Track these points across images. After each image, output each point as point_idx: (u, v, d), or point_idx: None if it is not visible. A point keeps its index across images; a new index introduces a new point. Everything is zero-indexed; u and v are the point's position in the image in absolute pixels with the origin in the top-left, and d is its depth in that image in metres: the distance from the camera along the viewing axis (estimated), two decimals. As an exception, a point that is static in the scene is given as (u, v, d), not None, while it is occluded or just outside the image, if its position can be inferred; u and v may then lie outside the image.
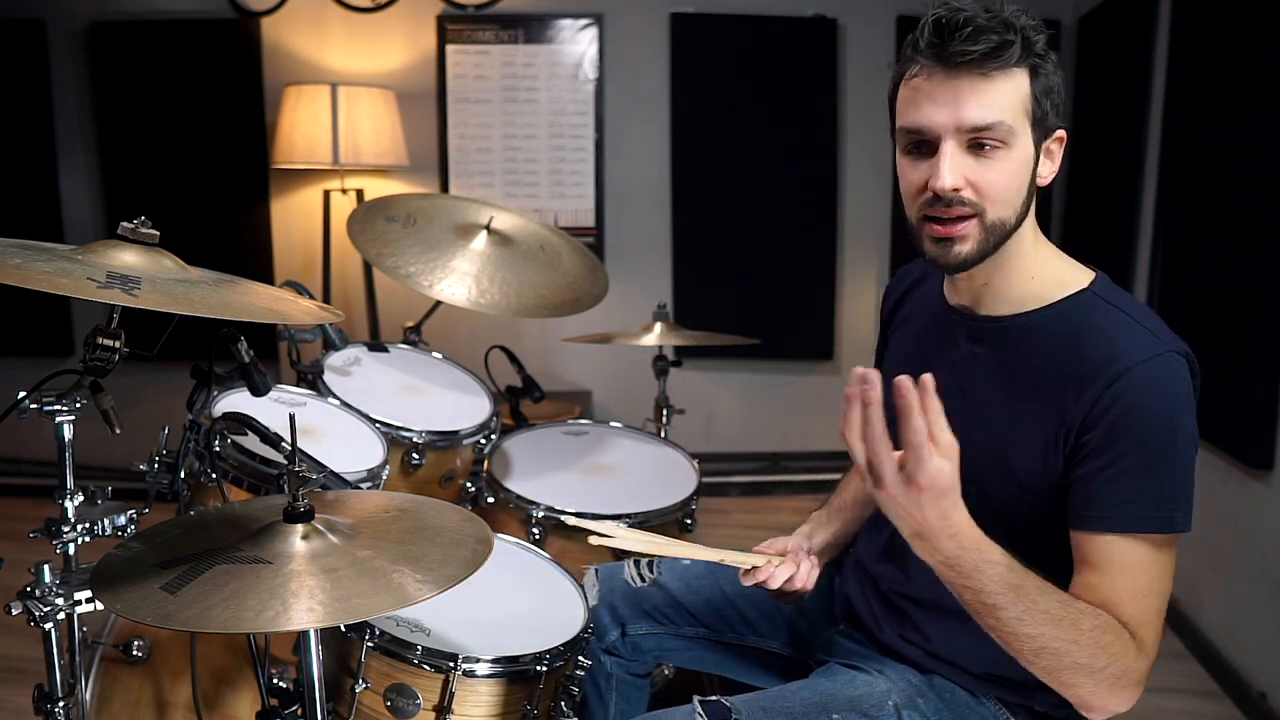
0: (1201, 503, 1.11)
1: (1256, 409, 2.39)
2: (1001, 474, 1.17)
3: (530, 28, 3.84)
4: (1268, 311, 2.38)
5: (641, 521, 1.91)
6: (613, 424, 2.32)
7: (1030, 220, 1.19)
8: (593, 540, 1.22)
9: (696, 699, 1.27)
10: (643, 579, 1.59)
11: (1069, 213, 3.86)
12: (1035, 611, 1.02)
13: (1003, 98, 1.10)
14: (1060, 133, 1.17)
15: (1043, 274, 1.20)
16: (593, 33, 3.84)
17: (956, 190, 1.11)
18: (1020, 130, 1.12)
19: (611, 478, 2.08)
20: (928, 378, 0.95)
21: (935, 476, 0.95)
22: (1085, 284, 1.19)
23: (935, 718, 1.27)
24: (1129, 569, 1.07)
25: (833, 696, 1.28)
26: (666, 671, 1.91)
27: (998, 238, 1.15)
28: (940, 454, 0.95)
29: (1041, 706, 1.25)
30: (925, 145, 1.15)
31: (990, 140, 1.11)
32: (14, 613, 1.27)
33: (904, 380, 0.94)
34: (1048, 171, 1.18)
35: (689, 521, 2.00)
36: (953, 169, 1.11)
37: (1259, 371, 2.39)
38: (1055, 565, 1.10)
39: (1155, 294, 3.07)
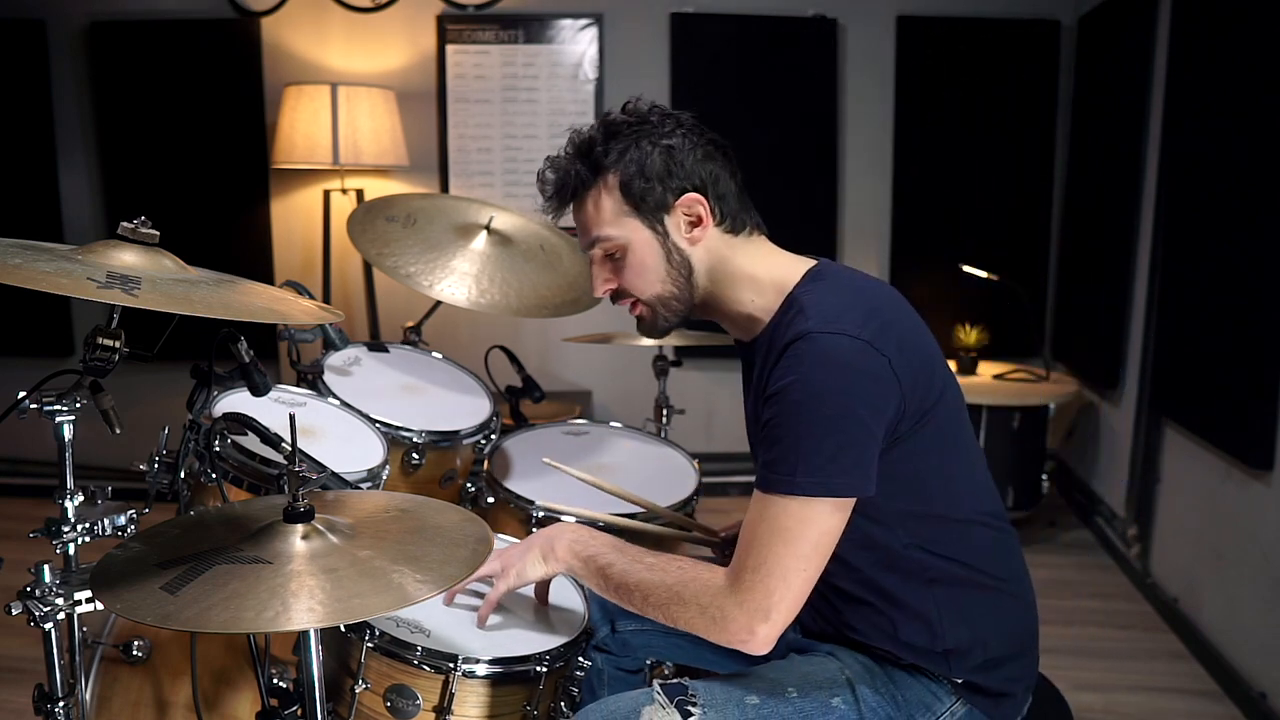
0: (1201, 503, 1.12)
1: (1256, 409, 2.39)
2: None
3: (530, 28, 3.84)
4: (1267, 311, 2.38)
5: (642, 522, 1.90)
6: (613, 424, 2.32)
7: (733, 255, 1.33)
8: (545, 460, 1.45)
9: (656, 683, 1.31)
10: None
11: (1069, 213, 3.86)
12: (637, 565, 1.28)
13: (592, 217, 1.32)
14: (685, 197, 1.29)
15: (762, 293, 1.33)
16: (593, 33, 3.84)
17: (607, 293, 1.37)
18: (624, 228, 1.31)
19: (611, 478, 2.07)
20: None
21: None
22: (793, 285, 1.30)
23: (885, 693, 1.30)
24: (749, 519, 1.22)
25: (789, 673, 1.33)
26: (667, 670, 1.91)
27: (666, 307, 1.35)
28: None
29: (959, 676, 1.30)
30: None
31: (609, 247, 1.33)
32: (14, 613, 1.27)
33: None
34: (695, 233, 1.31)
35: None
36: (596, 281, 1.37)
37: (1259, 371, 2.39)
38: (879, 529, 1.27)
39: (1155, 294, 3.07)
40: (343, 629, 1.35)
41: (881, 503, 1.24)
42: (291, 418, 1.14)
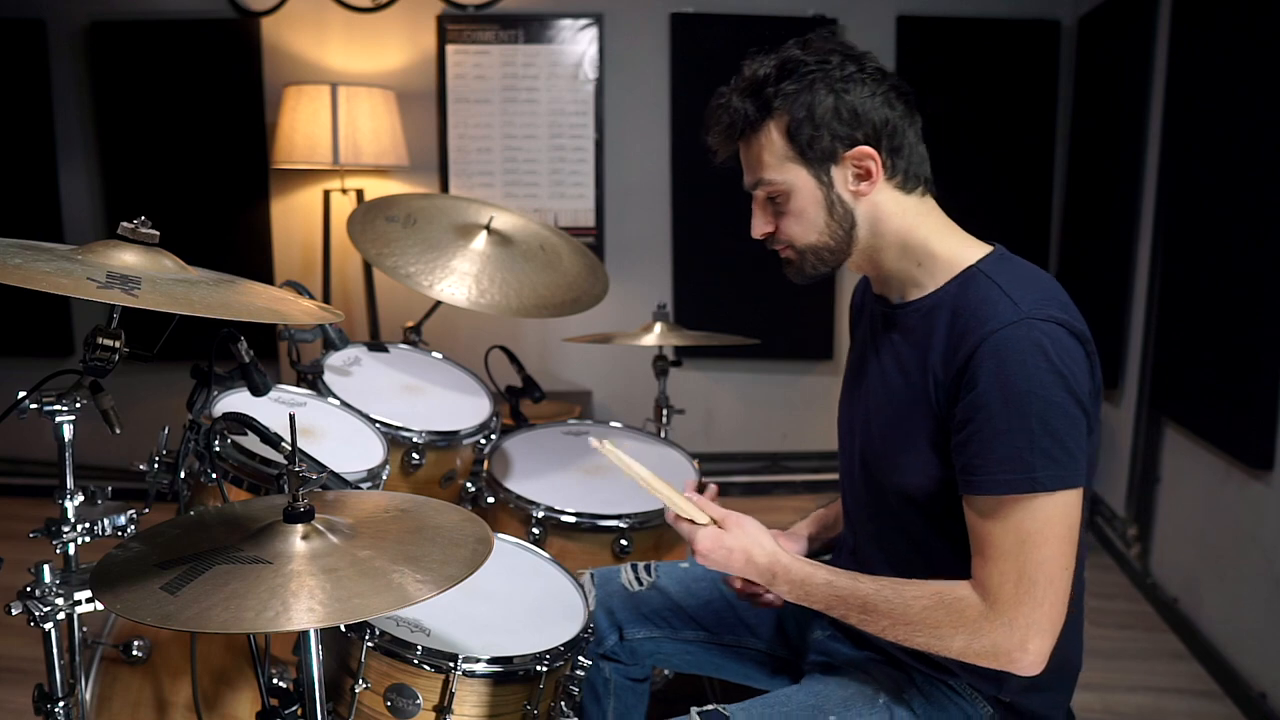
0: (1201, 503, 1.12)
1: (1256, 409, 2.39)
2: (908, 449, 1.24)
3: (530, 28, 3.84)
4: (1268, 311, 2.38)
5: (642, 522, 1.91)
6: (613, 424, 2.32)
7: (902, 214, 1.26)
8: (591, 442, 1.34)
9: (694, 710, 1.28)
10: (640, 582, 1.59)
11: (1069, 212, 3.86)
12: (872, 612, 1.18)
13: (756, 158, 1.26)
14: (856, 150, 1.22)
15: (931, 258, 1.26)
16: (593, 33, 3.84)
17: (764, 236, 1.31)
18: (788, 173, 1.24)
19: (612, 478, 2.08)
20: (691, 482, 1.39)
21: (704, 541, 1.27)
22: (974, 260, 1.24)
23: (922, 713, 1.28)
24: (990, 532, 1.12)
25: (827, 698, 1.30)
26: (666, 673, 1.92)
27: (817, 257, 1.28)
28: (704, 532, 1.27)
29: (1007, 696, 1.27)
30: None
31: (770, 191, 1.27)
32: (14, 613, 1.27)
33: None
34: (862, 186, 1.24)
35: (689, 521, 2.00)
36: (755, 223, 1.31)
37: (1259, 371, 2.39)
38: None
39: (1155, 294, 3.07)
40: (343, 629, 1.35)
41: None
42: (291, 418, 1.14)
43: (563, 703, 1.42)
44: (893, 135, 1.22)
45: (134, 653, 1.55)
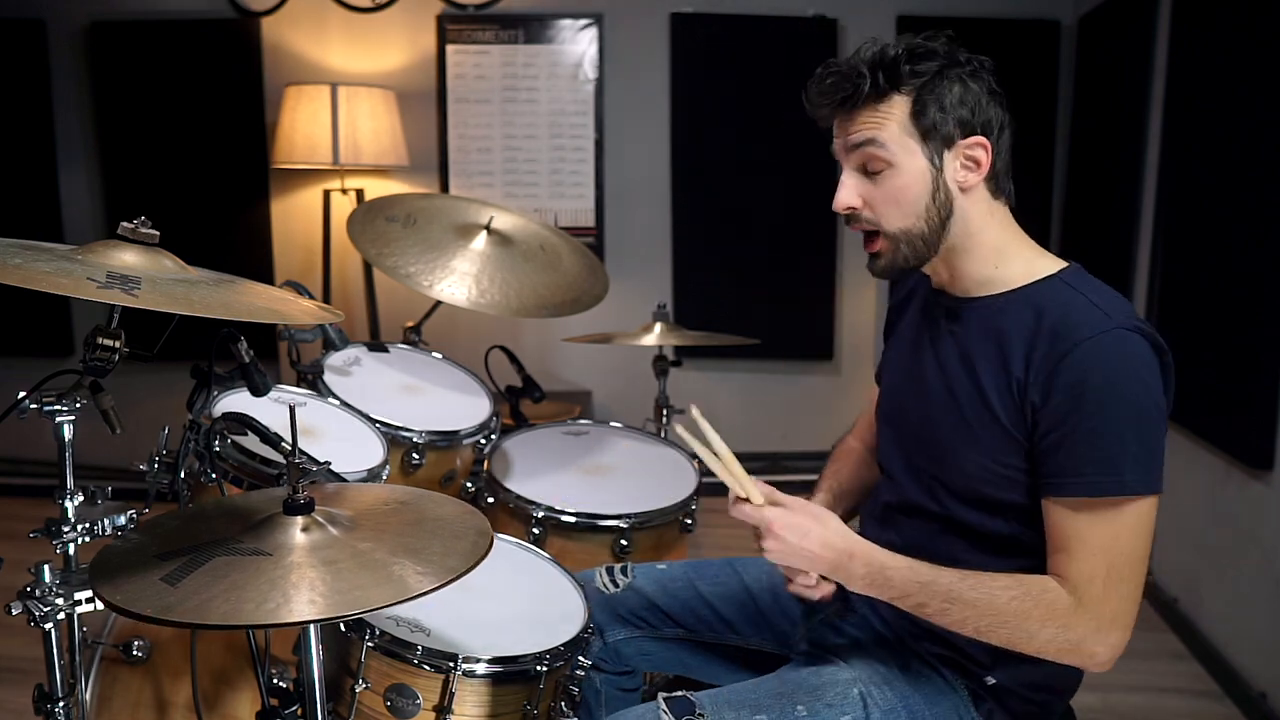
0: (1201, 503, 1.13)
1: (1256, 409, 2.39)
2: (966, 440, 1.25)
3: (530, 28, 3.84)
4: (1268, 311, 2.38)
5: (642, 522, 1.91)
6: (613, 424, 2.32)
7: (990, 216, 1.26)
8: (695, 411, 1.27)
9: (661, 696, 1.29)
10: (615, 584, 1.59)
11: (1069, 212, 3.86)
12: (954, 600, 1.17)
13: (873, 123, 1.23)
14: (974, 139, 1.23)
15: (1007, 263, 1.26)
16: (593, 33, 3.84)
17: (850, 209, 1.27)
18: (902, 147, 1.22)
19: (611, 478, 2.08)
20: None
21: (778, 520, 1.22)
22: (1054, 271, 1.25)
23: (902, 704, 1.28)
24: (1079, 530, 1.15)
25: (797, 686, 1.31)
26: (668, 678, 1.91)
27: (910, 246, 1.25)
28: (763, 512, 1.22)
29: (996, 680, 1.28)
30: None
31: (873, 160, 1.23)
32: (14, 613, 1.27)
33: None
34: (968, 178, 1.24)
35: (689, 522, 2.00)
36: (845, 190, 1.27)
37: (1259, 371, 2.39)
38: (1038, 535, 1.20)
39: (1155, 294, 3.07)
40: (342, 628, 1.35)
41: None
42: (292, 410, 1.14)
43: (563, 703, 1.42)
44: (1000, 135, 1.25)
45: (134, 653, 1.55)
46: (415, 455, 1.94)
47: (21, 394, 1.25)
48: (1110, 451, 1.13)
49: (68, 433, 1.29)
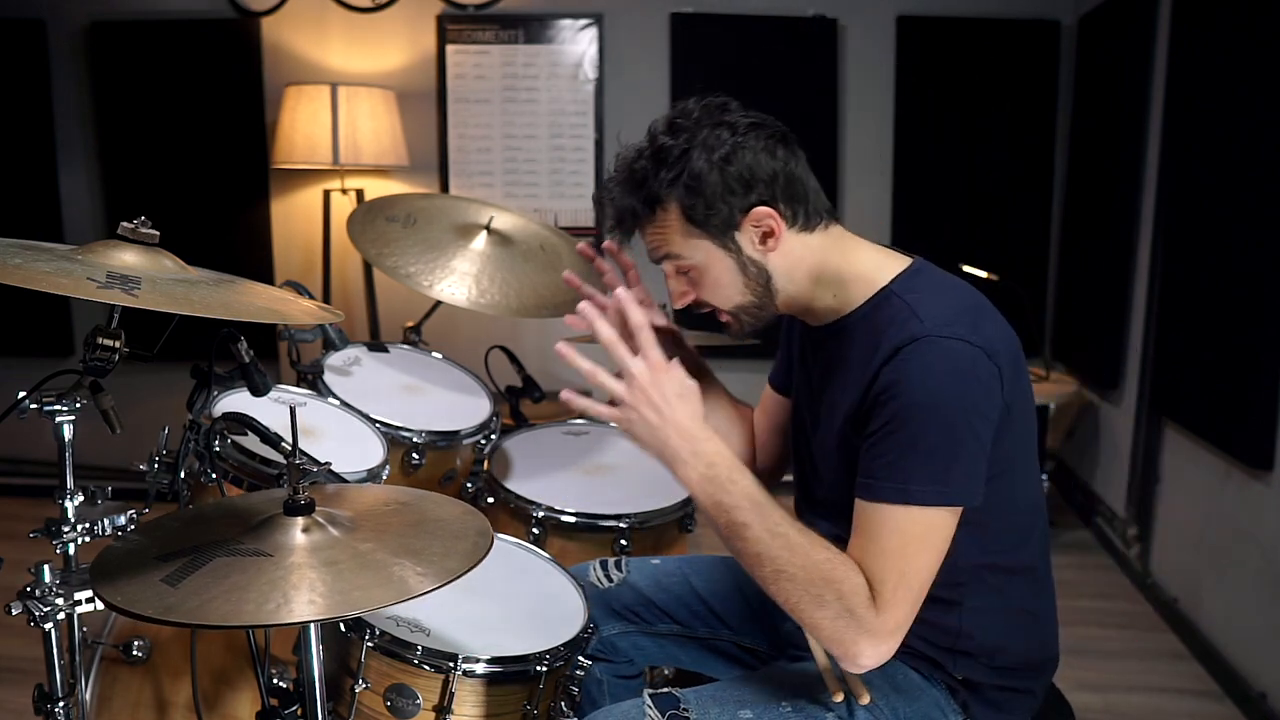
0: (1201, 503, 1.12)
1: (1256, 409, 2.39)
2: (835, 464, 1.29)
3: (530, 28, 3.84)
4: (1267, 311, 2.38)
5: (642, 522, 1.91)
6: (613, 424, 2.31)
7: (812, 253, 1.27)
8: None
9: (646, 692, 1.29)
10: (610, 579, 1.59)
11: (1069, 212, 3.86)
12: (776, 534, 1.14)
13: (659, 239, 1.28)
14: (754, 212, 1.22)
15: (846, 288, 1.28)
16: (593, 33, 3.84)
17: (686, 307, 1.33)
18: (693, 248, 1.25)
19: (611, 478, 2.08)
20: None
21: (664, 363, 1.21)
22: (890, 279, 1.25)
23: (884, 703, 1.28)
24: (873, 531, 1.15)
25: (782, 684, 1.31)
26: (667, 672, 1.91)
27: (749, 314, 1.31)
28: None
29: (975, 678, 1.29)
30: None
31: (678, 265, 1.28)
32: (14, 613, 1.27)
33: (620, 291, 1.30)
34: (769, 243, 1.24)
35: (689, 522, 2.00)
36: (673, 295, 1.33)
37: (1259, 371, 2.39)
38: None
39: (1155, 294, 3.07)
40: (342, 628, 1.35)
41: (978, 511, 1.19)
42: (292, 410, 1.14)
43: (562, 703, 1.42)
44: (786, 185, 1.23)
45: (134, 653, 1.55)
46: (415, 455, 1.94)
47: (21, 394, 1.25)
48: (900, 460, 1.13)
49: (68, 433, 1.29)
